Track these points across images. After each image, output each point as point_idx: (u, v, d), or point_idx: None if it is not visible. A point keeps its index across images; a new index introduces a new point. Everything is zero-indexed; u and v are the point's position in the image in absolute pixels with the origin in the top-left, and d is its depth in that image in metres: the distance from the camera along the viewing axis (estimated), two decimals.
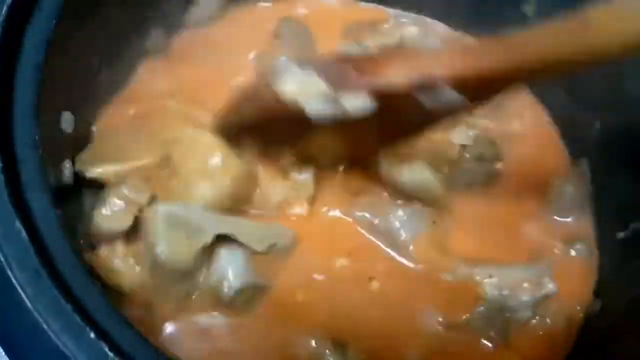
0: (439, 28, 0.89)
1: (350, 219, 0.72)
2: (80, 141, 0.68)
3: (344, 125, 0.56)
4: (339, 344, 0.63)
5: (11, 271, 0.45)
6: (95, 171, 0.64)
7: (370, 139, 0.64)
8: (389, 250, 0.70)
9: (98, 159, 0.65)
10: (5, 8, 0.53)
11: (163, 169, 0.65)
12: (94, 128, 0.72)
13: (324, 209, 0.72)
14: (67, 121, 0.65)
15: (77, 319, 0.45)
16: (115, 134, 0.70)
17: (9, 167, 0.50)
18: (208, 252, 0.62)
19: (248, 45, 0.82)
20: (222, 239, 0.62)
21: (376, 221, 0.71)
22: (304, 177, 0.70)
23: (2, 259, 0.46)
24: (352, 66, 0.56)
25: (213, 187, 0.64)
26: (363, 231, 0.71)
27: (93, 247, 0.63)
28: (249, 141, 0.66)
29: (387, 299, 0.68)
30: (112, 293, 0.61)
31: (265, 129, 0.63)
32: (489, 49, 0.55)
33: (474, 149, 0.73)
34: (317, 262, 0.69)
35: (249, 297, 0.63)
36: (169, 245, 0.59)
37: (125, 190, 0.62)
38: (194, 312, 0.63)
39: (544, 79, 0.56)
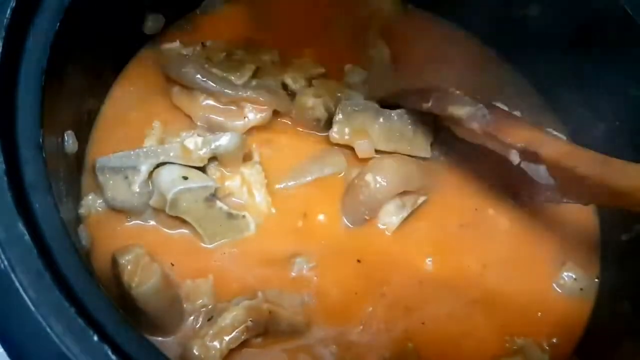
0: None
1: None
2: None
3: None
4: None
5: (14, 274, 0.45)
6: None
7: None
8: None
9: None
10: (9, 11, 0.53)
11: None
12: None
13: None
14: (69, 139, 0.65)
15: (81, 321, 0.45)
16: None
17: (12, 169, 0.50)
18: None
19: None
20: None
21: None
22: None
23: (5, 262, 0.46)
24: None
25: None
26: None
27: None
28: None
29: None
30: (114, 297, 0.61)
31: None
32: (593, 158, 0.61)
33: None
34: None
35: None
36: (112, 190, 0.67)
37: None
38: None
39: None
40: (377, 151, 0.76)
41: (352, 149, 0.76)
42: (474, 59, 0.89)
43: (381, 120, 0.76)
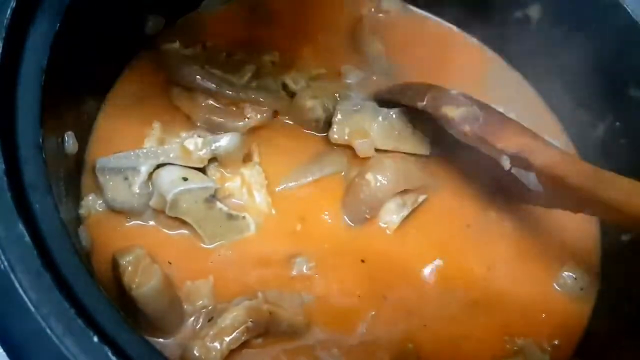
0: None
1: None
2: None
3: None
4: None
5: (14, 274, 0.45)
6: None
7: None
8: None
9: None
10: (9, 11, 0.53)
11: None
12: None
13: None
14: (69, 140, 0.65)
15: (81, 322, 0.45)
16: None
17: (12, 169, 0.50)
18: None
19: None
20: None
21: None
22: None
23: (5, 262, 0.45)
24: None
25: None
26: None
27: None
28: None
29: None
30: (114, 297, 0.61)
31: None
32: (583, 169, 0.61)
33: None
34: None
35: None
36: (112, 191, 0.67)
37: None
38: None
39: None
40: (377, 150, 0.76)
41: (352, 148, 0.76)
42: (474, 59, 0.90)
43: (380, 119, 0.76)
